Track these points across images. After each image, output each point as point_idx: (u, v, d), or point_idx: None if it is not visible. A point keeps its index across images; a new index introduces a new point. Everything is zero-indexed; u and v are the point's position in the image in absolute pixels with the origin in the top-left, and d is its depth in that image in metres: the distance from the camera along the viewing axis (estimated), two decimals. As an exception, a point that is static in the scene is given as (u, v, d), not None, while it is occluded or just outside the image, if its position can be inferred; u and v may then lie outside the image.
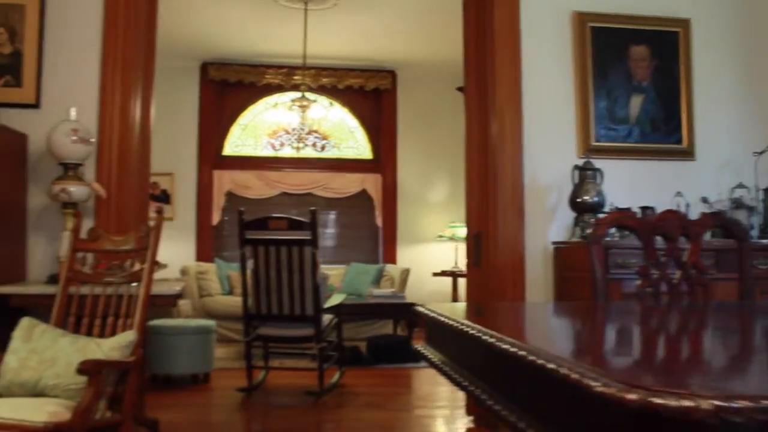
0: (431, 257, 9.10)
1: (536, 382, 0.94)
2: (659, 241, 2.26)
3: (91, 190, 3.70)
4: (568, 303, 3.35)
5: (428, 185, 9.34)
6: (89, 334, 3.01)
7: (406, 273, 8.09)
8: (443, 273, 8.80)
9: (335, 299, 5.47)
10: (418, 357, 1.84)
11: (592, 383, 0.72)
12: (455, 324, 1.35)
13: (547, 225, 4.25)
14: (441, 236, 8.91)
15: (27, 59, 4.02)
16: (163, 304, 3.41)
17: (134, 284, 3.08)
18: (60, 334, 2.90)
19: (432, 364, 1.69)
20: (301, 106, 6.71)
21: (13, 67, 4.00)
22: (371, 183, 9.17)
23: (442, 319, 1.51)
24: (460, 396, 5.28)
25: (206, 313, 7.47)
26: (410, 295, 7.60)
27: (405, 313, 6.83)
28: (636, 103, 4.41)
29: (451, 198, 9.32)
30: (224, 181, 8.89)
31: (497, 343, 1.04)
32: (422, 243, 9.22)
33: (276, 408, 5.04)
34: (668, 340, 1.41)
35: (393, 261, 8.99)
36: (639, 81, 4.42)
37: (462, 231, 8.73)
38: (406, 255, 9.13)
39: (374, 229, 9.24)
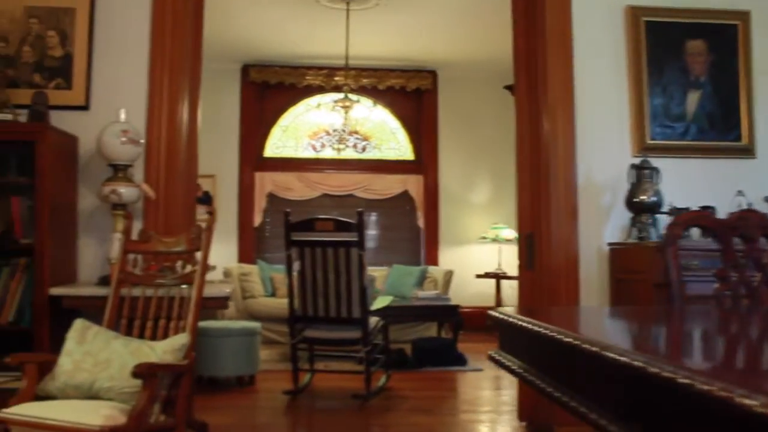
0: (474, 259, 8.99)
1: (658, 397, 0.86)
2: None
3: (140, 192, 3.68)
4: (645, 308, 3.22)
5: (470, 186, 9.23)
6: (141, 336, 2.99)
7: (449, 275, 7.99)
8: (486, 275, 8.68)
9: (381, 301, 5.40)
10: (492, 360, 1.75)
11: (748, 402, 0.64)
12: (545, 331, 1.26)
13: (602, 225, 4.13)
14: (484, 238, 8.79)
15: (77, 62, 4.03)
16: (214, 307, 3.37)
17: (185, 286, 3.04)
18: (113, 337, 2.88)
19: (512, 372, 1.61)
20: (344, 107, 6.66)
21: (64, 70, 4.01)
22: (413, 184, 9.09)
23: (526, 325, 1.42)
24: (507, 400, 5.17)
25: (249, 315, 7.46)
26: (453, 298, 7.49)
27: (450, 315, 6.74)
28: (693, 99, 4.26)
29: (493, 199, 9.21)
30: (265, 182, 8.89)
31: (612, 355, 0.95)
32: (464, 244, 9.11)
33: (322, 411, 4.99)
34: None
35: (435, 263, 8.90)
36: (696, 77, 4.27)
37: (506, 232, 8.63)
38: (448, 257, 9.03)
39: (416, 231, 9.16)
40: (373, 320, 5.12)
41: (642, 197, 3.89)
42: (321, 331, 5.00)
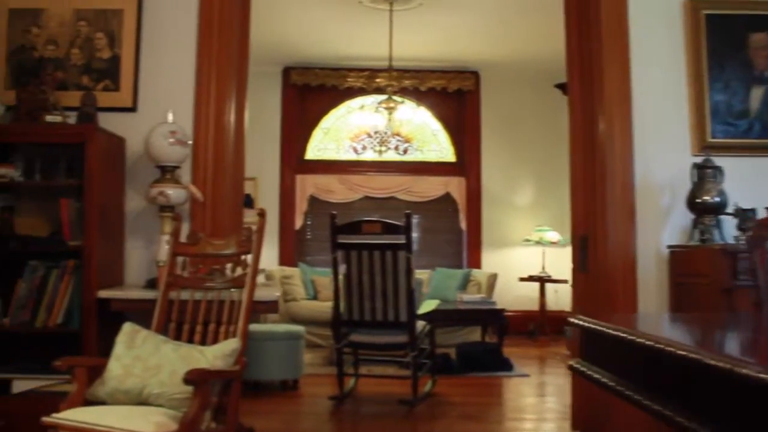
0: (517, 262, 8.81)
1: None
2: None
3: (188, 193, 3.62)
4: (738, 314, 3.03)
5: (514, 188, 9.06)
6: (190, 340, 2.91)
7: (493, 278, 7.83)
8: (530, 278, 8.50)
9: (427, 305, 5.28)
10: (575, 372, 1.62)
11: None
12: (656, 344, 1.13)
13: (661, 227, 3.95)
14: (527, 240, 8.62)
15: (125, 63, 4.00)
16: (264, 311, 3.29)
17: (234, 290, 2.96)
18: (162, 341, 2.81)
19: (601, 385, 1.47)
20: (388, 108, 6.56)
21: (112, 72, 3.98)
22: (455, 186, 8.95)
23: (620, 334, 1.30)
24: (556, 407, 5.02)
25: (291, 318, 7.40)
26: (496, 301, 7.32)
27: (495, 319, 6.59)
28: (757, 95, 4.06)
29: (537, 201, 9.02)
30: (307, 185, 8.83)
31: (751, 374, 0.83)
32: (507, 247, 8.94)
33: (369, 417, 4.89)
34: None
35: (477, 266, 8.75)
36: (760, 71, 4.07)
37: (550, 235, 8.45)
38: (491, 259, 8.87)
39: (458, 233, 9.02)
40: (420, 324, 5.00)
41: (705, 198, 3.71)
42: (367, 336, 4.89)
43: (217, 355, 2.70)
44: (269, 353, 5.19)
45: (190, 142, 3.69)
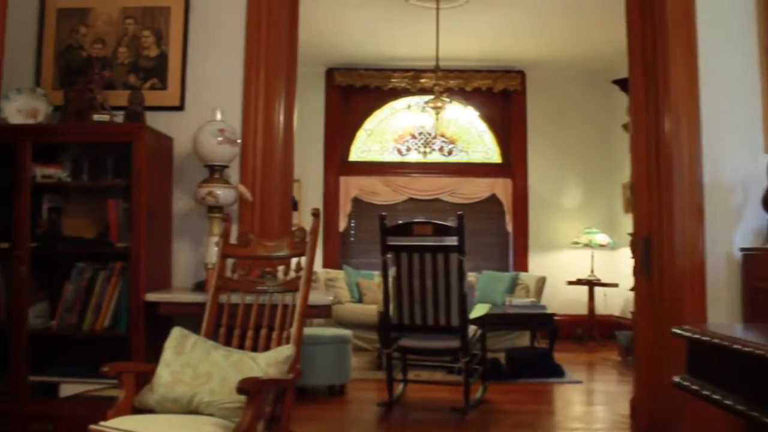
0: (565, 265, 8.54)
1: None
2: None
3: (237, 194, 3.49)
4: None
5: (561, 190, 8.79)
6: (241, 346, 2.77)
7: (542, 281, 7.59)
8: (578, 282, 8.22)
9: (479, 309, 5.08)
10: (684, 389, 1.42)
11: None
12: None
13: (732, 229, 3.70)
14: (576, 243, 8.34)
15: (172, 62, 3.90)
16: (317, 315, 3.15)
17: (287, 293, 2.81)
18: (212, 347, 2.67)
19: (715, 403, 1.27)
20: (435, 108, 6.38)
21: (159, 70, 3.88)
22: (501, 188, 8.72)
23: (744, 349, 1.10)
24: (612, 417, 4.80)
25: (335, 321, 7.25)
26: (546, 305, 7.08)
27: (546, 324, 6.35)
28: (836, 88, 3.78)
29: (586, 203, 8.75)
30: (350, 187, 8.69)
31: None
32: (555, 250, 8.68)
33: (419, 424, 4.71)
34: None
35: (524, 268, 8.50)
36: (839, 62, 3.79)
37: (599, 237, 8.16)
38: (538, 262, 8.62)
39: (504, 236, 8.78)
40: (471, 329, 4.81)
41: (782, 198, 3.46)
42: (417, 340, 4.72)
43: (270, 362, 2.55)
44: (316, 358, 5.05)
45: (239, 140, 3.56)
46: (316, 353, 5.06)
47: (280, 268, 2.96)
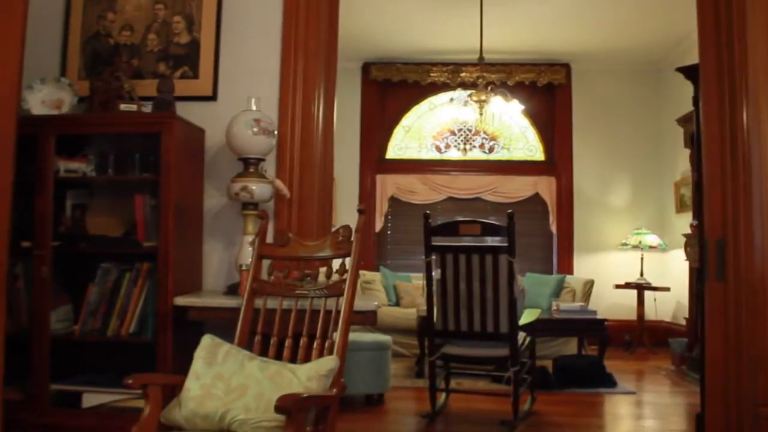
0: (612, 267, 8.17)
1: None
2: None
3: (273, 189, 3.24)
4: None
5: (608, 188, 8.42)
6: (278, 357, 2.51)
7: (589, 285, 7.23)
8: (627, 285, 7.84)
9: (529, 315, 4.76)
10: None
11: None
12: None
13: (819, 229, 3.33)
14: (624, 244, 7.96)
15: (204, 49, 3.66)
16: (362, 322, 2.86)
17: (330, 298, 2.54)
18: (247, 357, 2.41)
19: None
20: (479, 101, 6.07)
21: (191, 58, 3.65)
22: (544, 186, 8.37)
23: None
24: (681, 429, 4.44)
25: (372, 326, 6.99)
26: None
27: (596, 330, 6.01)
28: None
29: (634, 202, 8.36)
30: (387, 185, 8.42)
31: None
32: (602, 251, 8.31)
33: (465, 438, 4.41)
34: None
35: (569, 271, 8.15)
36: None
37: (650, 238, 7.77)
38: (584, 264, 8.26)
39: (548, 237, 8.43)
40: (520, 336, 4.50)
41: None
42: (462, 348, 4.42)
43: (311, 375, 2.28)
44: (354, 365, 4.78)
45: (276, 132, 3.31)
46: (354, 360, 4.79)
47: (322, 270, 2.70)
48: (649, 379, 6.35)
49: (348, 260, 2.51)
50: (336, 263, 2.62)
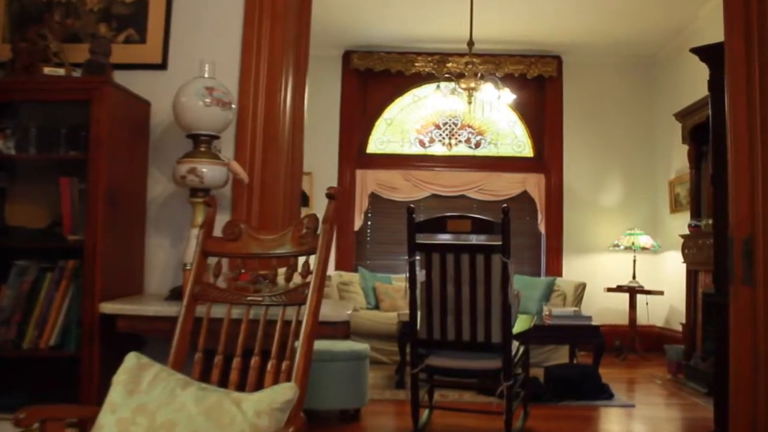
0: (603, 270, 7.67)
1: None
2: None
3: (228, 173, 2.66)
4: None
5: (600, 186, 7.90)
6: (223, 383, 1.94)
7: (581, 288, 6.70)
8: (619, 288, 7.34)
9: (522, 322, 4.22)
10: None
11: None
12: None
13: None
14: (616, 246, 7.46)
15: (153, 9, 3.08)
16: (332, 335, 2.28)
17: (291, 306, 1.97)
18: (180, 384, 1.83)
19: None
20: (468, 89, 5.51)
21: (137, 19, 3.07)
22: (533, 184, 7.84)
23: None
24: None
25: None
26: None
27: (591, 337, 5.48)
28: None
29: (627, 201, 7.86)
30: (368, 181, 7.84)
31: None
32: (593, 253, 7.80)
33: (451, 461, 3.86)
34: None
35: (558, 273, 7.62)
36: None
37: (643, 240, 7.29)
38: (574, 266, 7.74)
39: (536, 237, 7.90)
40: (515, 345, 3.96)
41: None
42: (449, 359, 3.86)
43: (261, 409, 1.70)
44: (327, 377, 4.21)
45: (234, 105, 2.73)
46: (327, 371, 4.22)
47: (282, 270, 2.12)
48: (644, 389, 5.83)
49: (313, 258, 1.93)
50: (301, 262, 2.05)
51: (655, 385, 5.91)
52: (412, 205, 3.87)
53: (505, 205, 3.70)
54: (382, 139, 8.03)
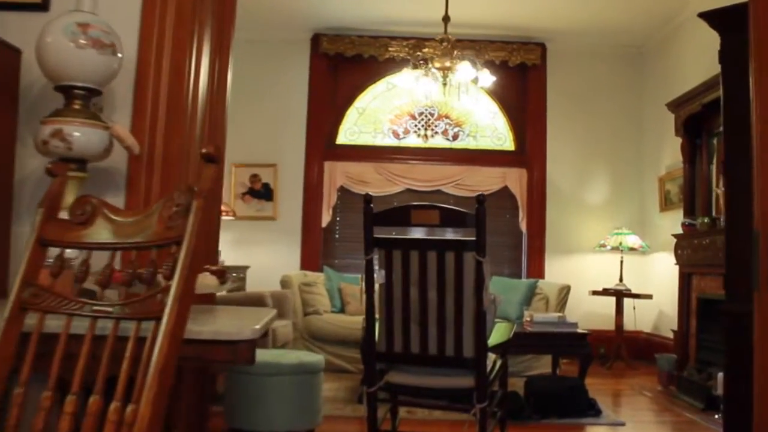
0: (588, 272, 7.07)
1: None
2: None
3: (110, 138, 1.99)
4: None
5: (585, 182, 7.30)
6: (47, 428, 1.27)
7: (565, 291, 6.06)
8: (605, 292, 6.73)
9: (500, 331, 3.57)
10: None
11: None
12: None
13: None
14: (602, 246, 6.85)
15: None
16: (227, 362, 1.58)
17: (148, 321, 1.30)
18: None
19: None
20: (443, 69, 4.86)
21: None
22: (514, 179, 7.21)
23: None
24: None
25: (311, 336, 5.76)
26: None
27: (577, 346, 4.86)
28: None
29: (614, 199, 7.28)
30: (337, 174, 7.18)
31: None
32: (577, 253, 7.19)
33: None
34: None
35: (540, 275, 7.00)
36: None
37: (631, 240, 6.69)
38: (557, 268, 7.12)
39: (517, 236, 7.27)
40: (491, 358, 3.31)
41: None
42: (413, 376, 3.19)
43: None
44: (272, 394, 3.54)
45: (120, 54, 2.05)
46: (272, 388, 3.55)
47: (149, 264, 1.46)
48: (634, 403, 5.22)
49: (180, 250, 1.26)
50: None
51: (645, 398, 5.30)
52: (369, 192, 3.21)
53: (480, 193, 3.04)
54: (353, 129, 7.37)
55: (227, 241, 6.88)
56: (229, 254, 6.79)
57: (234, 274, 6.09)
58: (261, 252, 7.03)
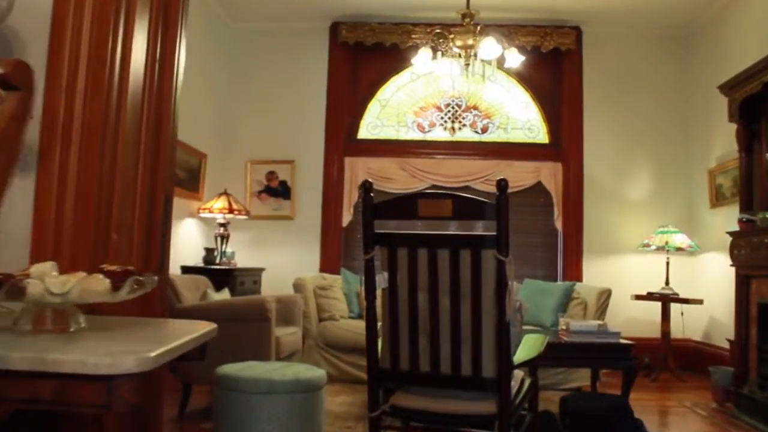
0: (631, 274, 6.43)
1: None
2: None
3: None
4: None
5: (626, 177, 6.66)
6: None
7: (605, 295, 5.39)
8: (649, 296, 6.06)
9: (530, 345, 2.97)
10: None
11: None
12: None
13: None
14: (646, 245, 6.18)
15: None
16: (89, 407, 1.04)
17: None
18: None
19: None
20: (464, 47, 4.28)
21: None
22: (548, 174, 6.59)
23: None
24: None
25: (326, 343, 5.23)
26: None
27: (621, 359, 4.23)
28: None
29: (658, 195, 6.64)
30: (358, 170, 6.64)
31: None
32: (618, 254, 6.55)
33: None
34: None
35: (578, 278, 6.37)
36: None
37: (678, 239, 6.03)
38: (595, 270, 6.49)
39: (552, 235, 6.64)
40: (517, 377, 2.73)
41: None
42: (423, 399, 2.64)
43: None
44: (264, 414, 3.02)
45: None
46: (264, 407, 3.03)
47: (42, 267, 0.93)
48: (686, 423, 4.55)
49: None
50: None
51: (699, 416, 4.63)
52: (368, 179, 2.65)
53: (502, 177, 2.46)
54: (375, 122, 6.83)
55: (241, 241, 6.41)
56: (243, 256, 6.32)
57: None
58: (277, 253, 6.54)
